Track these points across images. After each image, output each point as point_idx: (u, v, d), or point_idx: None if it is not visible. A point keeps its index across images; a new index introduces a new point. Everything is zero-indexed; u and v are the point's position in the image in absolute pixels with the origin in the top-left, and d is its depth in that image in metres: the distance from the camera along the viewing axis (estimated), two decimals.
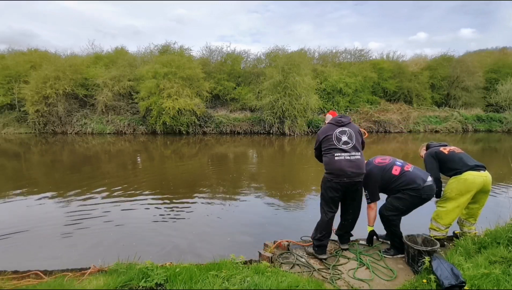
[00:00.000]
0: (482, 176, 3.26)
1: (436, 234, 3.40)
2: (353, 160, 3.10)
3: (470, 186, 3.23)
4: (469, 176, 3.24)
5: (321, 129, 3.39)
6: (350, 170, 3.06)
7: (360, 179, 3.16)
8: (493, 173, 3.42)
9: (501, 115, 22.53)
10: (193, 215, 5.45)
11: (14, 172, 9.54)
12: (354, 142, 3.17)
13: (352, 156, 3.11)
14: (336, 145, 3.15)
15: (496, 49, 30.69)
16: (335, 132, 3.21)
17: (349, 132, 3.22)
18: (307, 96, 18.32)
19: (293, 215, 5.43)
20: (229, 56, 22.41)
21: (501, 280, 2.25)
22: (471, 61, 24.04)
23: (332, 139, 3.18)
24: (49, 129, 19.36)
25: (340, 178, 3.09)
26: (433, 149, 3.57)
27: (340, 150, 3.13)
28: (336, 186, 3.12)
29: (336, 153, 3.12)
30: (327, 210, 3.21)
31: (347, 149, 3.13)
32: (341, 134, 3.20)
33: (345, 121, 3.30)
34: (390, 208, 3.21)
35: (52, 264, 3.52)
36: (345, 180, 3.08)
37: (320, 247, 3.20)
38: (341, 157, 3.10)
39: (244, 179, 8.41)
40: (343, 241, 3.46)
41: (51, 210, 5.60)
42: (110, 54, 22.33)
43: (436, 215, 3.44)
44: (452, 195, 3.32)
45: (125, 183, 7.67)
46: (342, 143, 3.15)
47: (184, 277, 2.48)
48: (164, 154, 13.00)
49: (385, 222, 3.27)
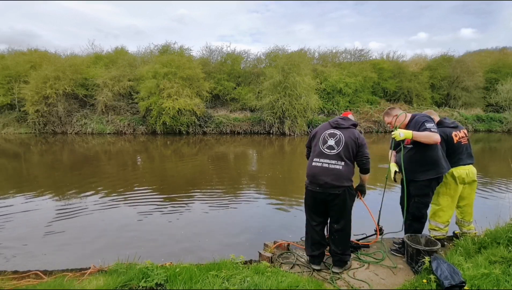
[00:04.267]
0: (465, 169, 3.31)
1: (436, 234, 3.40)
2: (331, 169, 2.76)
3: (457, 180, 3.29)
4: (454, 171, 3.28)
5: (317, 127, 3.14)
6: (324, 179, 2.75)
7: (337, 192, 2.75)
8: (493, 173, 3.43)
9: (501, 115, 22.54)
10: (193, 215, 5.45)
11: (14, 172, 9.53)
12: (341, 150, 2.78)
13: (332, 164, 2.76)
14: (319, 147, 2.87)
15: (496, 49, 30.73)
16: (324, 133, 2.92)
17: (339, 137, 2.83)
18: (307, 96, 18.33)
19: (293, 215, 5.43)
20: (229, 56, 22.43)
21: (501, 280, 2.25)
22: (471, 61, 24.06)
23: (319, 140, 2.91)
24: (49, 129, 19.36)
25: (312, 186, 2.84)
26: (446, 130, 3.35)
27: (320, 155, 2.83)
28: (310, 193, 2.89)
29: (315, 158, 2.86)
30: (308, 219, 3.03)
31: (329, 155, 2.80)
32: (330, 137, 2.87)
33: (343, 124, 2.92)
34: (423, 207, 3.16)
35: (52, 264, 3.52)
36: (318, 189, 2.80)
37: (311, 257, 3.01)
38: (318, 164, 2.82)
39: (244, 179, 8.41)
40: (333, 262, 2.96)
41: (51, 210, 5.60)
42: (110, 54, 22.35)
43: (433, 214, 3.43)
44: (443, 190, 3.34)
45: (125, 183, 7.68)
46: (326, 146, 2.84)
47: (184, 277, 2.48)
48: (164, 154, 13.00)
49: (420, 223, 3.20)
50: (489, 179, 7.70)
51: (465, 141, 3.41)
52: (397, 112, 3.26)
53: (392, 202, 3.75)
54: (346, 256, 2.95)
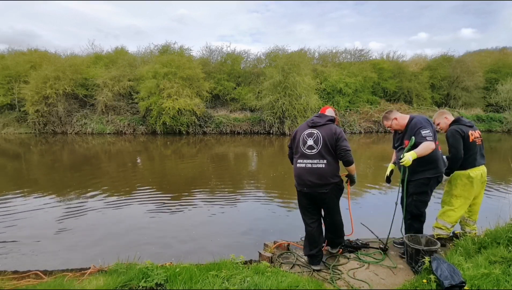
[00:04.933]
0: (480, 169, 3.30)
1: (441, 232, 3.38)
2: (315, 168, 2.79)
3: (473, 182, 3.26)
4: (470, 172, 3.26)
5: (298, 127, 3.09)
6: (309, 179, 2.80)
7: (324, 190, 2.81)
8: (493, 173, 3.43)
9: (501, 115, 22.54)
10: (193, 215, 5.45)
11: (14, 172, 9.53)
12: (320, 148, 2.79)
13: (315, 164, 2.79)
14: (300, 148, 2.89)
15: (496, 49, 30.74)
16: (303, 134, 2.91)
17: (317, 136, 2.82)
18: (307, 96, 18.33)
19: (293, 215, 5.42)
20: (229, 56, 22.43)
21: (501, 280, 2.25)
22: (471, 61, 24.06)
23: (299, 141, 2.91)
24: (49, 129, 19.37)
25: (300, 187, 2.91)
26: (463, 127, 3.28)
27: (302, 156, 2.86)
28: (300, 194, 2.98)
29: (298, 160, 2.89)
30: (303, 219, 3.08)
31: (310, 155, 2.82)
32: (308, 137, 2.86)
33: (319, 122, 2.89)
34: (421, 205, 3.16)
35: (52, 264, 3.52)
36: (305, 190, 2.87)
37: (310, 257, 3.02)
38: (301, 165, 2.86)
39: (244, 179, 8.41)
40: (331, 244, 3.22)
41: (51, 210, 5.60)
42: (110, 54, 22.36)
43: (443, 213, 3.39)
44: (458, 191, 3.30)
45: (125, 183, 7.68)
46: (306, 147, 2.85)
47: (184, 277, 2.47)
48: (164, 154, 13.00)
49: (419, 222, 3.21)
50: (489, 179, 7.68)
51: (479, 141, 3.37)
52: (396, 115, 3.27)
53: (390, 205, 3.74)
54: (340, 239, 3.20)
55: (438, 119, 3.49)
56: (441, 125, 3.47)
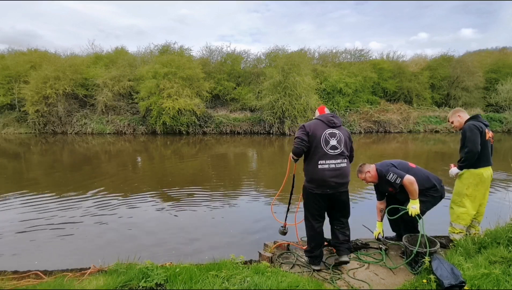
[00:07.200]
0: (490, 169, 3.31)
1: (457, 237, 3.30)
2: (338, 168, 2.79)
3: (485, 181, 3.26)
4: (483, 171, 3.24)
5: (308, 123, 2.92)
6: (334, 180, 2.77)
7: (345, 189, 2.88)
8: (493, 173, 3.42)
9: (501, 115, 22.53)
10: (193, 215, 5.45)
11: (14, 172, 9.53)
12: (343, 148, 2.83)
13: (338, 164, 2.79)
14: (323, 148, 2.78)
15: (496, 49, 30.70)
16: (324, 133, 2.82)
17: (339, 136, 2.85)
18: (307, 96, 18.33)
19: (293, 215, 5.42)
20: (229, 56, 22.42)
21: (501, 280, 2.25)
22: (471, 61, 24.02)
23: (320, 141, 2.80)
24: (49, 129, 19.37)
25: (322, 189, 2.80)
26: (480, 124, 3.23)
27: (325, 156, 2.77)
28: (317, 197, 2.86)
29: (320, 160, 2.77)
30: (313, 222, 2.95)
31: (333, 155, 2.78)
32: (331, 137, 2.82)
33: (337, 122, 2.91)
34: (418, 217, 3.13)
35: (52, 264, 3.52)
36: (328, 191, 2.80)
37: (312, 258, 3.01)
38: (324, 166, 2.77)
39: (244, 179, 8.41)
40: (341, 252, 2.97)
41: (51, 210, 5.59)
42: (110, 54, 22.35)
43: (457, 217, 3.31)
44: (470, 191, 3.25)
45: (125, 183, 7.68)
46: (329, 147, 2.79)
47: (184, 277, 2.48)
48: (164, 154, 13.00)
49: (409, 229, 3.24)
50: None
51: (492, 141, 3.36)
52: (368, 168, 3.37)
53: None
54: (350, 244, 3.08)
55: (452, 117, 3.47)
56: (454, 123, 3.43)
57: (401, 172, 3.12)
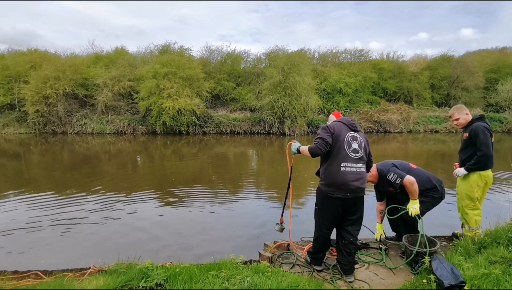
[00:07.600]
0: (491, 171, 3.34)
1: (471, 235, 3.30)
2: (358, 172, 2.73)
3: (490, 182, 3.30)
4: (490, 173, 3.28)
5: (331, 124, 2.85)
6: (355, 184, 2.69)
7: (363, 194, 2.81)
8: (493, 173, 3.42)
9: (501, 115, 22.54)
10: (193, 215, 5.45)
11: (14, 172, 9.53)
12: (363, 153, 2.78)
13: (358, 168, 2.73)
14: (345, 150, 2.72)
15: (496, 49, 30.70)
16: (347, 136, 2.77)
17: (360, 140, 2.80)
18: (307, 96, 18.33)
19: (293, 215, 5.42)
20: (229, 56, 22.42)
21: (501, 280, 2.25)
22: (471, 61, 24.03)
23: (343, 142, 2.73)
24: (49, 129, 19.38)
25: (342, 193, 2.69)
26: (488, 126, 3.21)
27: (347, 159, 2.70)
28: (336, 201, 2.73)
29: (342, 163, 2.69)
30: (325, 227, 2.87)
31: (355, 159, 2.73)
32: (353, 140, 2.77)
33: (357, 127, 2.89)
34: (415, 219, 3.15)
35: (52, 264, 3.52)
36: (348, 195, 2.70)
37: (315, 259, 3.01)
38: (347, 169, 2.69)
39: (244, 179, 8.41)
40: (346, 271, 2.81)
41: (51, 210, 5.59)
42: (110, 54, 22.36)
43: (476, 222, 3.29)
44: (479, 194, 3.30)
45: (124, 183, 7.68)
46: (352, 150, 2.74)
47: (184, 277, 2.48)
48: (164, 154, 13.00)
49: (409, 229, 3.24)
50: None
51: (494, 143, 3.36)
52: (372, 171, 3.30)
53: None
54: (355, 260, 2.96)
55: (458, 114, 3.36)
56: (460, 121, 3.35)
57: (401, 172, 3.12)
